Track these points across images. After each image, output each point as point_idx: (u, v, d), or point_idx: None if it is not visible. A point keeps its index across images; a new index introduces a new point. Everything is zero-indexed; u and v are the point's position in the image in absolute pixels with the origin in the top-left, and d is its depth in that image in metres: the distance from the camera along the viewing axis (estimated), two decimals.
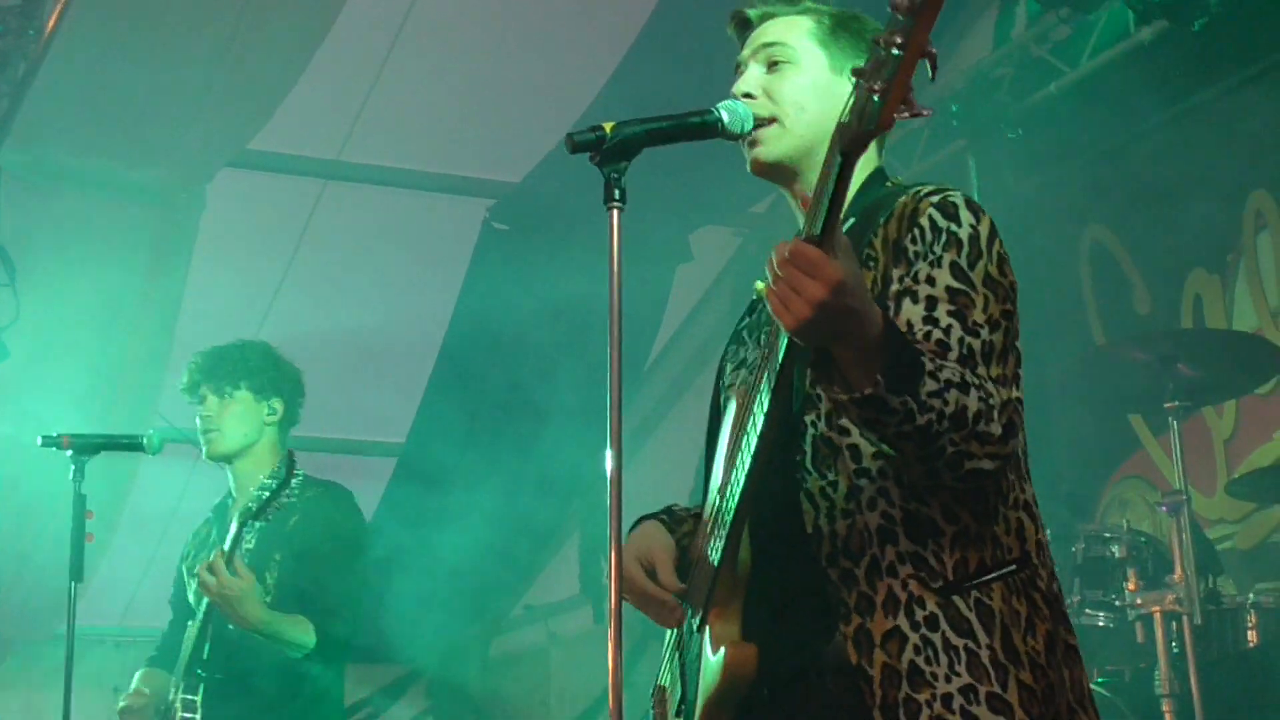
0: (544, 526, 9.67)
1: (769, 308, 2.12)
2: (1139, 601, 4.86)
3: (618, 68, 7.78)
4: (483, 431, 8.69)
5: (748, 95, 2.58)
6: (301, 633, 4.61)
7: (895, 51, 1.91)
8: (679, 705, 2.58)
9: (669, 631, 2.69)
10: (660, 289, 9.05)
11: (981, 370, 2.27)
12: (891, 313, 2.30)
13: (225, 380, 4.90)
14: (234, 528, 4.55)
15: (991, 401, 2.19)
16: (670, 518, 2.74)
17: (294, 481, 4.78)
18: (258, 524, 4.71)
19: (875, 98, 1.94)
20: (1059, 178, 7.81)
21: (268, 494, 4.57)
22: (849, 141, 2.00)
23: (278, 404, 4.94)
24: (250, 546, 4.75)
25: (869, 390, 2.10)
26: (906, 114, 1.96)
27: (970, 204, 2.41)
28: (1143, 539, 5.23)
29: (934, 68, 1.95)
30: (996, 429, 2.20)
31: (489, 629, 10.62)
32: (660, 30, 7.57)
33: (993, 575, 2.32)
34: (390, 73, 7.68)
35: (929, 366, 2.15)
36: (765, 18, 2.66)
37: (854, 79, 1.99)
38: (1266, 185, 6.87)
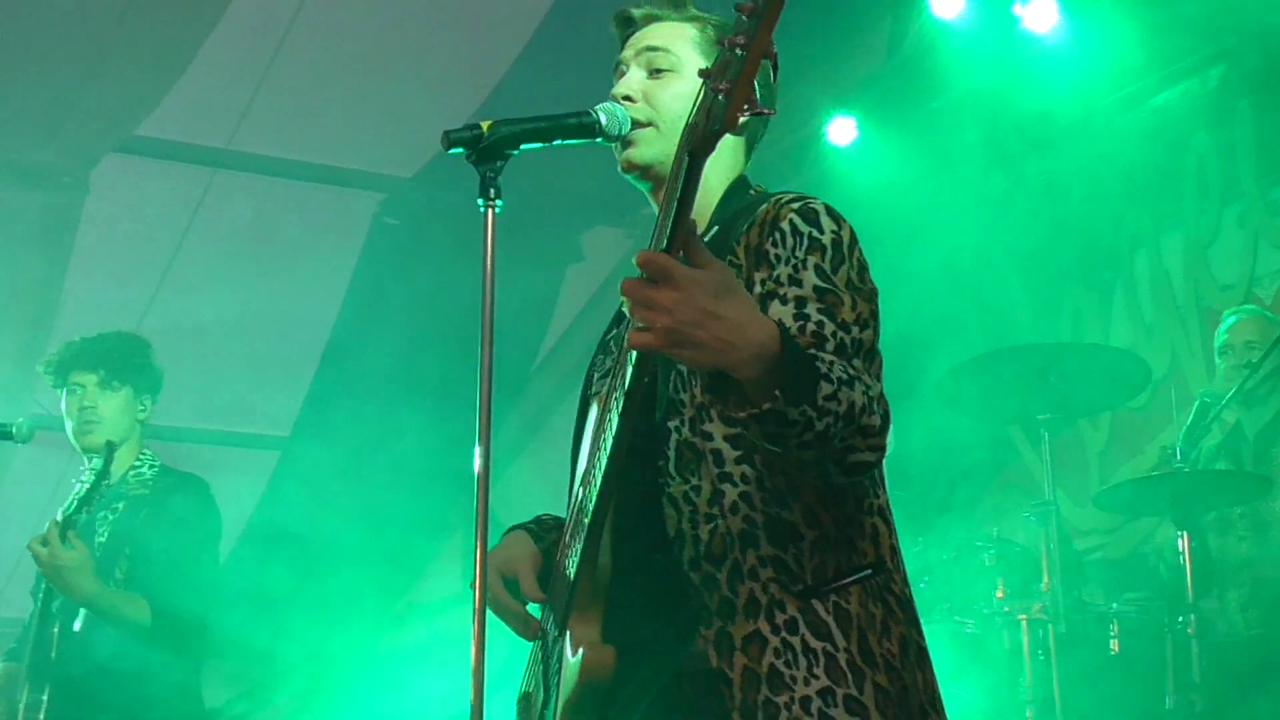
0: (429, 523, 9.63)
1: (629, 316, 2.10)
2: (1007, 609, 4.94)
3: (513, 64, 7.77)
4: (367, 426, 8.64)
5: (627, 98, 2.59)
6: (136, 611, 4.53)
7: (739, 52, 1.94)
8: (541, 711, 2.58)
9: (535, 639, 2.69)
10: (550, 288, 9.06)
11: (857, 363, 2.29)
12: None
13: (112, 373, 4.84)
14: (76, 502, 4.49)
15: (871, 393, 2.21)
16: (539, 526, 2.74)
17: (150, 472, 4.79)
18: (110, 517, 4.68)
19: (720, 97, 1.96)
20: (947, 187, 7.90)
21: (132, 476, 4.60)
22: (697, 141, 2.01)
23: (149, 402, 4.92)
24: (102, 540, 4.70)
25: (767, 405, 2.08)
26: (749, 113, 1.98)
27: (830, 211, 2.43)
28: (1014, 548, 5.31)
29: (775, 68, 1.98)
30: (876, 420, 2.21)
31: (370, 626, 10.56)
32: (556, 27, 7.57)
33: (850, 579, 2.34)
34: (283, 62, 7.61)
35: (823, 369, 2.14)
36: (649, 19, 2.67)
37: (701, 79, 2.01)
38: (1144, 203, 7.01)
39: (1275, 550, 5.19)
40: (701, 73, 2.02)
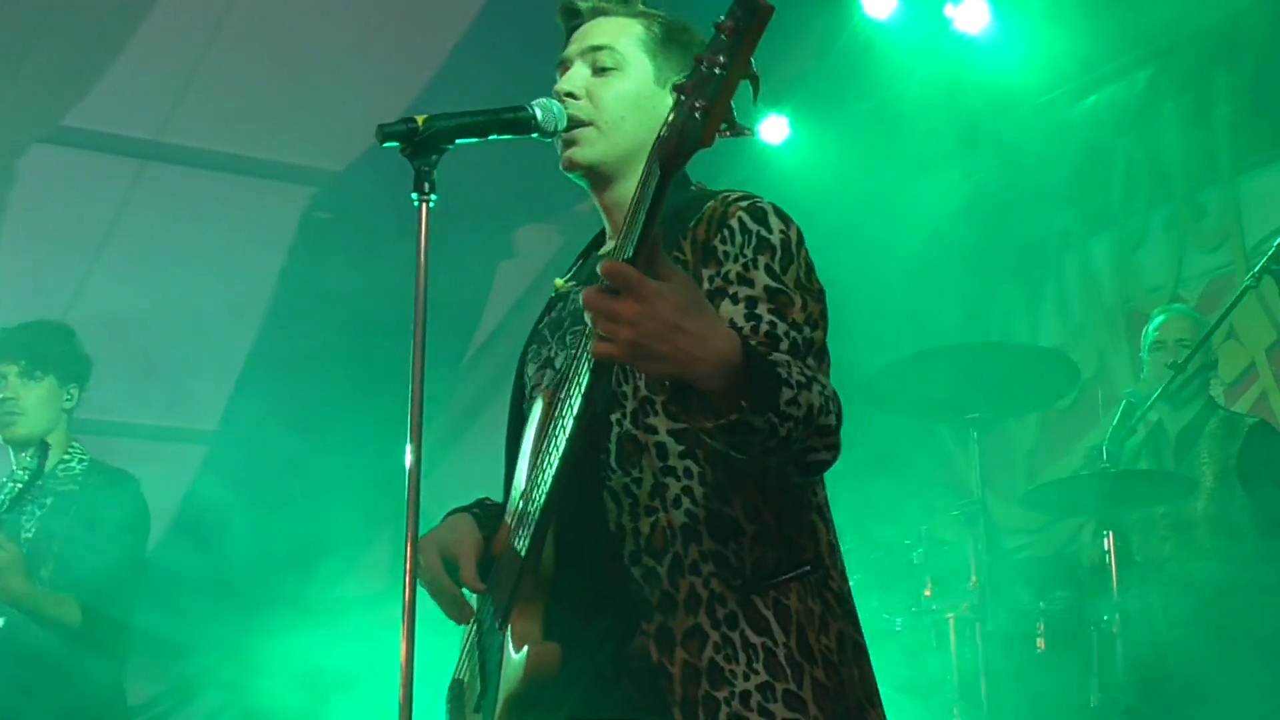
0: (357, 518, 9.57)
1: (589, 325, 2.08)
2: (935, 607, 4.96)
3: (449, 57, 7.74)
4: (296, 421, 8.58)
5: (570, 95, 2.58)
6: (66, 612, 4.48)
7: (719, 71, 1.93)
8: (478, 702, 2.57)
9: (468, 628, 2.68)
10: (481, 284, 9.03)
11: (811, 362, 2.31)
12: None
13: (34, 363, 4.76)
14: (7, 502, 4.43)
15: (826, 393, 2.22)
16: (483, 511, 2.72)
17: (80, 467, 4.73)
18: (38, 512, 4.62)
19: (698, 115, 1.95)
20: (878, 186, 7.94)
21: (61, 471, 4.53)
22: (669, 157, 1.99)
23: (74, 391, 4.85)
24: (29, 536, 4.63)
25: (735, 416, 2.08)
26: (729, 133, 1.97)
27: (778, 211, 2.44)
28: (942, 547, 5.34)
29: (756, 89, 1.96)
30: (832, 420, 2.23)
31: (297, 621, 10.48)
32: (492, 21, 7.55)
33: (789, 575, 2.35)
34: (215, 53, 7.54)
35: (783, 374, 2.15)
36: (596, 13, 2.66)
37: (675, 95, 1.99)
38: (1074, 205, 7.08)
39: (1195, 550, 5.25)
40: (676, 87, 2.00)
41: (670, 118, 2.00)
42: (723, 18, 1.95)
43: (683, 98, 1.97)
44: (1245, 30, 6.51)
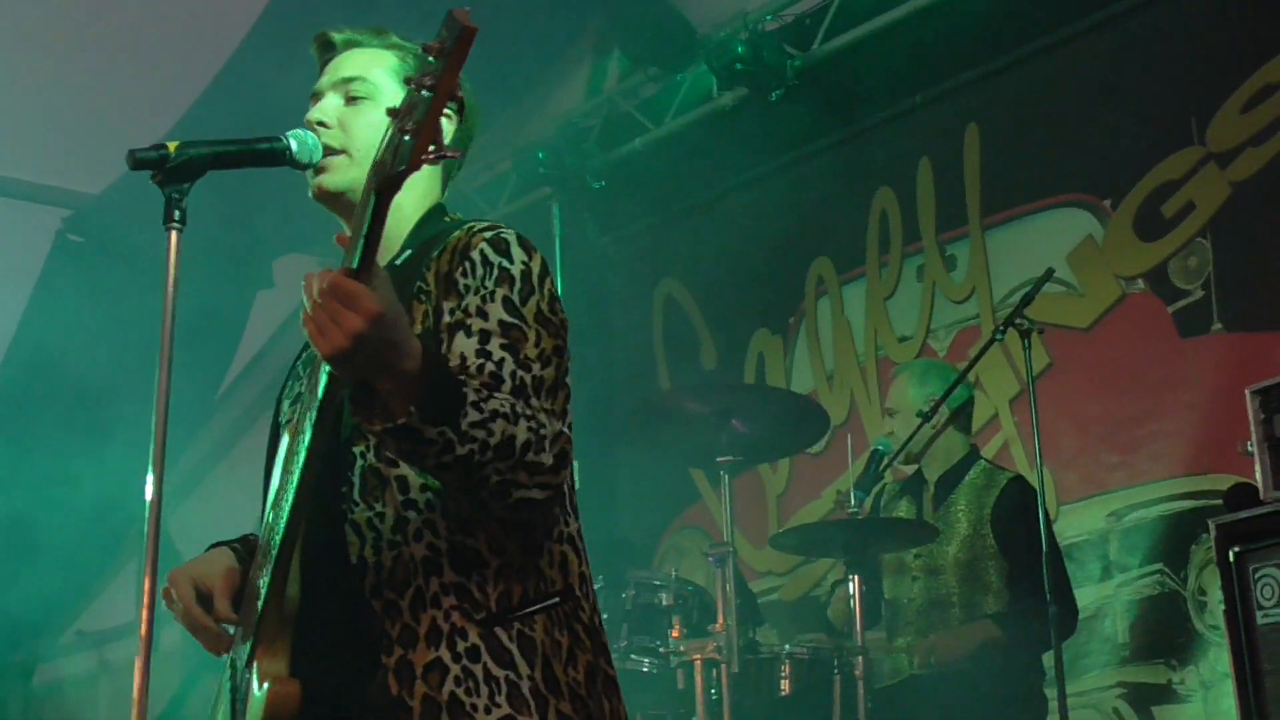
0: (101, 550, 9.34)
1: (308, 336, 2.11)
2: (682, 649, 4.98)
3: (213, 81, 7.63)
4: (42, 449, 8.34)
5: (322, 124, 2.57)
6: None
7: (425, 94, 1.96)
8: None
9: (225, 665, 2.63)
10: (239, 313, 8.90)
11: (535, 402, 2.31)
12: (445, 345, 2.33)
13: None
14: None
15: (543, 432, 2.23)
16: (243, 546, 2.68)
17: None
18: None
19: (407, 138, 1.98)
20: (638, 230, 8.05)
21: None
22: (382, 180, 2.02)
23: None
24: None
25: (402, 420, 2.11)
26: (433, 156, 2.00)
27: (522, 241, 2.45)
28: (690, 588, 5.36)
29: (462, 111, 1.98)
30: (548, 459, 2.24)
31: (34, 656, 10.18)
32: (255, 48, 7.46)
33: (535, 607, 2.36)
34: None
35: (472, 397, 2.17)
36: (350, 44, 2.66)
37: (389, 118, 2.02)
38: (828, 253, 7.23)
39: (944, 592, 5.36)
40: (389, 111, 2.02)
41: (384, 141, 2.03)
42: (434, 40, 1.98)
43: (394, 121, 2.00)
44: (996, 87, 6.73)
